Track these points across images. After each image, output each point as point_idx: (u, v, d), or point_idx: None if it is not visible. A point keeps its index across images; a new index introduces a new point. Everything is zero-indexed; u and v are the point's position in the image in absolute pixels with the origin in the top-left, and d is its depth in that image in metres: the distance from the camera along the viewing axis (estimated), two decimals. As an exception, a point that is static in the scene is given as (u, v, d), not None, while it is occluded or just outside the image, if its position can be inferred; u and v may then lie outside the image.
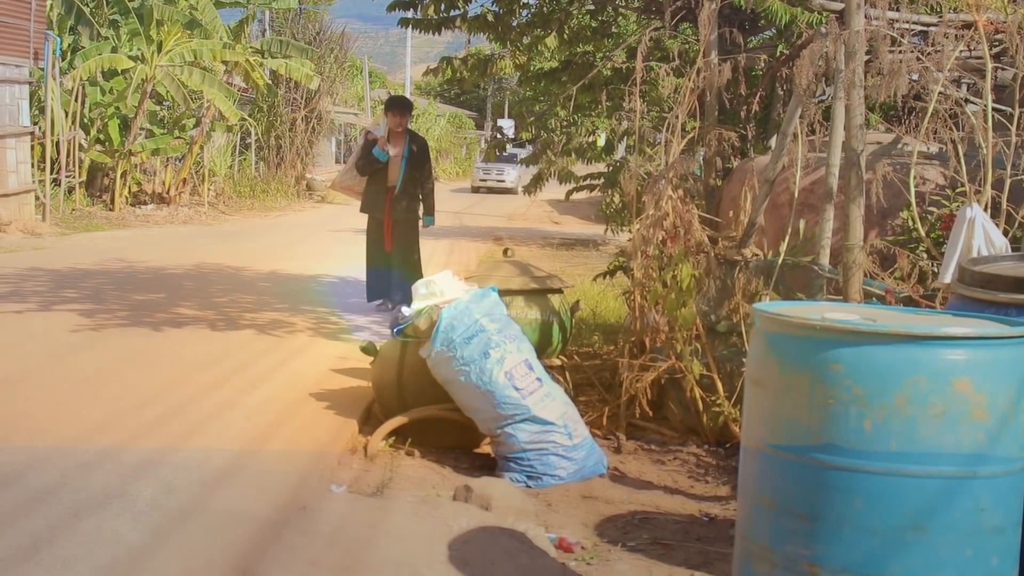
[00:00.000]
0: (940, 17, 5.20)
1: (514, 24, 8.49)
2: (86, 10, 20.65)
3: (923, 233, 5.15)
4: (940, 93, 4.75)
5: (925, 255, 5.22)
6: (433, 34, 8.78)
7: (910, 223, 5.48)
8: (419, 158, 9.56)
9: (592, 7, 8.69)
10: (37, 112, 18.69)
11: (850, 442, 2.78)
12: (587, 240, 19.55)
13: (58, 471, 4.36)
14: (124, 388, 5.97)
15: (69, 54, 20.45)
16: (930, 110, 4.75)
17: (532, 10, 8.56)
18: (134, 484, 4.26)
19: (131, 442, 4.86)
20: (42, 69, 17.82)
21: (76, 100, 19.66)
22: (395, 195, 9.45)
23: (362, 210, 9.78)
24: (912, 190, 4.95)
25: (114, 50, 20.73)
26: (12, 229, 16.03)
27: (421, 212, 9.68)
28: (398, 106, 9.79)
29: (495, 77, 10.49)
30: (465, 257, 15.25)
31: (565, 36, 8.54)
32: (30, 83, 17.47)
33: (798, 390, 2.88)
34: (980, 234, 4.30)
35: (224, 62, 22.79)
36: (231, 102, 22.48)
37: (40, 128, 18.24)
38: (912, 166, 4.99)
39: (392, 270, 9.54)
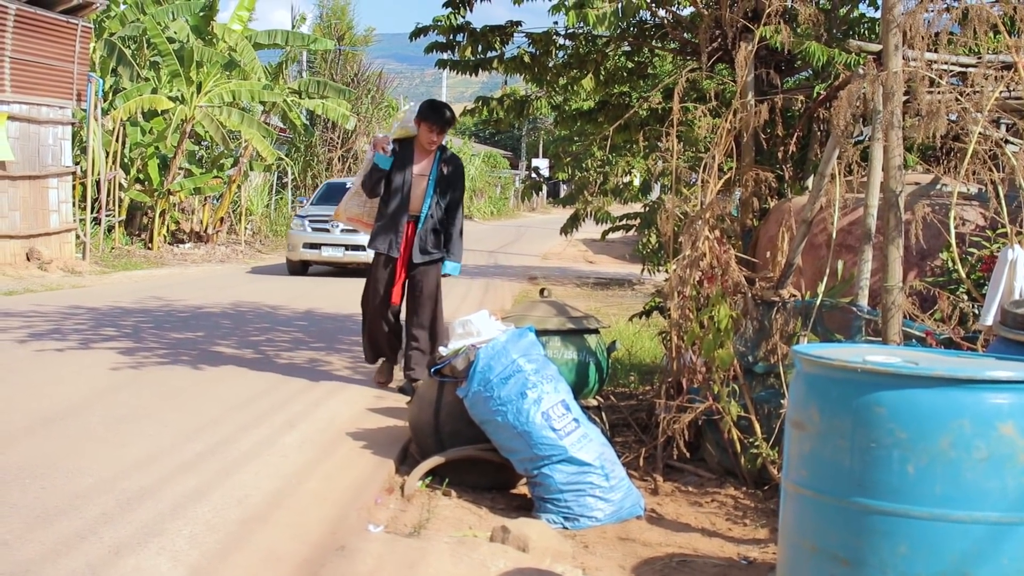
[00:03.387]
0: (979, 58, 5.19)
1: (550, 65, 8.52)
2: (127, 52, 21.03)
3: (964, 274, 5.12)
4: (980, 134, 4.73)
5: (966, 297, 5.18)
6: (470, 75, 8.81)
7: (950, 264, 5.44)
8: (451, 183, 7.40)
9: (628, 48, 8.72)
10: (79, 152, 19.00)
11: (893, 486, 2.75)
12: (622, 280, 19.52)
13: (98, 508, 4.40)
14: (163, 426, 6.01)
15: (110, 95, 20.82)
16: (970, 150, 4.73)
17: (568, 51, 8.60)
18: (173, 522, 4.28)
19: (170, 480, 4.89)
20: (84, 110, 18.12)
21: (117, 140, 20.00)
22: (418, 230, 7.31)
23: (371, 244, 7.47)
24: (952, 231, 4.92)
25: (154, 91, 21.09)
26: (53, 267, 16.27)
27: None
28: (435, 118, 7.28)
29: (531, 117, 10.51)
30: (500, 296, 15.26)
31: (601, 77, 8.56)
32: (73, 124, 17.77)
33: (839, 433, 2.86)
34: (1022, 276, 4.28)
35: (262, 102, 23.10)
36: (268, 142, 22.77)
37: (81, 168, 18.53)
38: (952, 207, 4.97)
39: (403, 327, 7.55)
